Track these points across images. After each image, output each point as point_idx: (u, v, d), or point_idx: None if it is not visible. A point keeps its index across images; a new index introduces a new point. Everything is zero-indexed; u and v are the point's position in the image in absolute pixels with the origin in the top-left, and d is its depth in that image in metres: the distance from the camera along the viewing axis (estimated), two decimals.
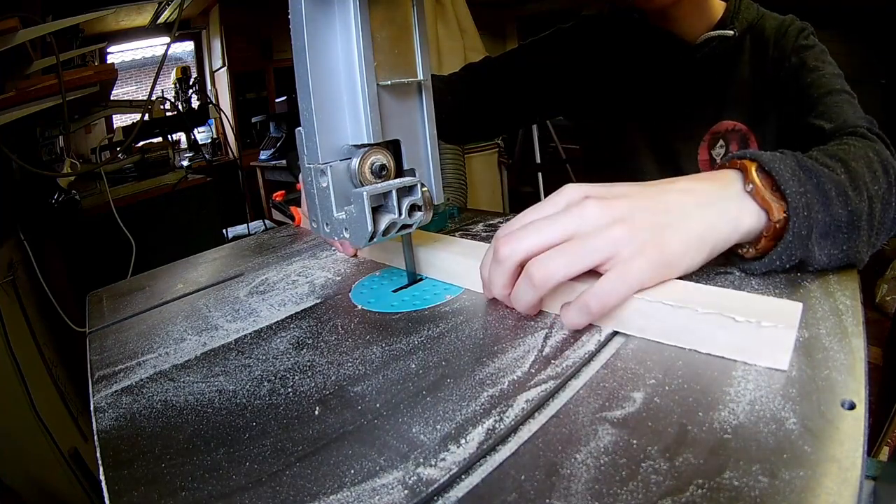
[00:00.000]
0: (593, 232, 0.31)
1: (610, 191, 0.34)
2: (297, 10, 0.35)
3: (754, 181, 0.35)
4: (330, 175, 0.38)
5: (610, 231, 0.31)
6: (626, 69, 0.71)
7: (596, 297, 0.31)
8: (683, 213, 0.33)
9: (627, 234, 0.31)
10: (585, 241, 0.31)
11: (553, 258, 0.32)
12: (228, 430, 0.29)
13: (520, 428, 0.26)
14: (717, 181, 0.36)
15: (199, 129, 2.67)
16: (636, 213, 0.32)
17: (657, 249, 0.32)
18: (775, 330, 0.27)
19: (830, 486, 0.20)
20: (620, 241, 0.31)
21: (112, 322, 0.48)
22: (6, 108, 0.96)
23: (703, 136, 0.68)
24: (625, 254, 0.31)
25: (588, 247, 0.31)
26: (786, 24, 0.64)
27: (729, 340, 0.29)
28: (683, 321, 0.30)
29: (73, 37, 1.74)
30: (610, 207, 0.32)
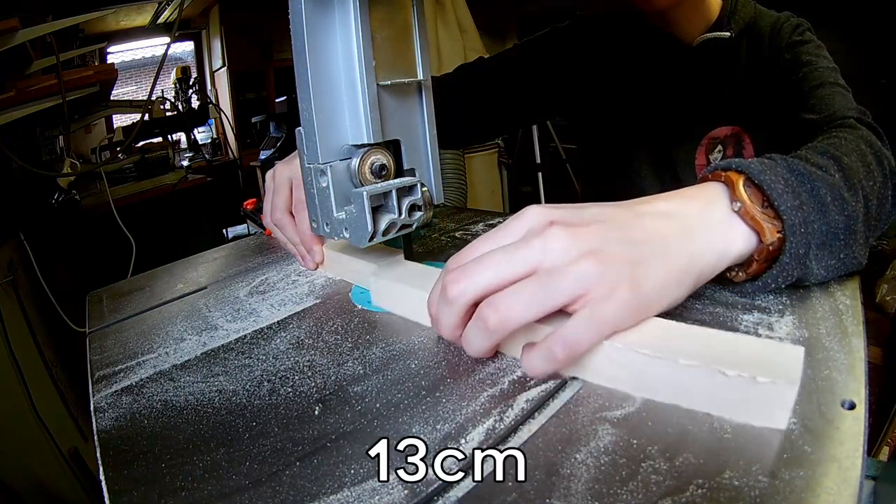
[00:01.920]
0: (559, 267, 0.27)
1: (578, 214, 0.29)
2: (297, 11, 0.35)
3: (742, 199, 0.31)
4: (330, 175, 0.38)
5: (578, 266, 0.27)
6: (623, 70, 0.71)
7: (563, 342, 0.26)
8: (663, 245, 0.29)
9: (598, 270, 0.26)
10: (549, 278, 0.27)
11: (510, 299, 0.27)
12: (228, 430, 0.29)
13: (520, 428, 0.26)
14: (700, 200, 0.32)
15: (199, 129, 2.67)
16: (609, 244, 0.28)
17: (632, 288, 0.27)
18: (773, 386, 0.23)
19: (830, 486, 0.20)
20: (590, 279, 0.26)
21: (112, 322, 0.48)
22: (6, 108, 0.96)
23: (700, 141, 0.67)
24: (595, 294, 0.26)
25: (552, 285, 0.27)
26: (780, 22, 0.63)
27: (717, 396, 0.24)
28: (663, 373, 0.25)
29: (73, 37, 1.74)
30: (578, 237, 0.28)
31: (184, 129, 2.48)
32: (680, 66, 0.66)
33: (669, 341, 0.26)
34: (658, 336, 0.27)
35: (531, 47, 0.77)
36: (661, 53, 0.66)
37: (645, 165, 0.71)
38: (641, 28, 0.67)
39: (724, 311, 0.35)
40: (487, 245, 0.30)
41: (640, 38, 0.68)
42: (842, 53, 0.61)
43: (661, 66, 0.67)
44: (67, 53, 1.35)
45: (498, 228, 0.30)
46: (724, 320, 0.34)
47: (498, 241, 0.30)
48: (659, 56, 0.67)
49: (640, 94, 0.70)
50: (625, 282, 0.27)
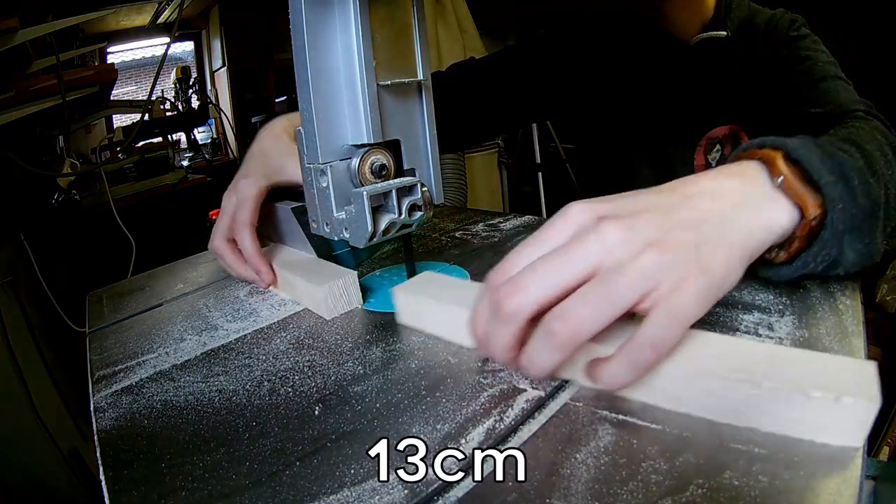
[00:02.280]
0: (622, 263, 0.24)
1: (626, 205, 0.27)
2: (297, 10, 0.35)
3: (784, 173, 0.30)
4: (330, 175, 0.38)
5: (642, 260, 0.24)
6: (620, 71, 0.70)
7: (650, 346, 0.24)
8: (720, 223, 0.27)
9: (664, 259, 0.24)
10: (615, 277, 0.24)
11: (579, 307, 0.24)
12: (228, 430, 0.29)
13: (520, 428, 0.26)
14: (740, 176, 0.31)
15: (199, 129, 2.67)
16: (668, 231, 0.26)
17: (702, 274, 0.25)
18: (857, 405, 0.21)
19: (830, 486, 0.20)
20: (657, 271, 0.24)
21: (112, 322, 0.48)
22: (6, 108, 0.96)
23: (699, 142, 0.67)
24: (665, 286, 0.24)
25: (620, 284, 0.24)
26: (775, 19, 0.63)
27: (797, 418, 0.22)
28: (738, 396, 0.23)
29: (73, 37, 1.74)
30: (634, 228, 0.25)
31: (184, 129, 2.48)
32: (677, 66, 0.66)
33: (742, 361, 0.24)
34: (720, 353, 0.25)
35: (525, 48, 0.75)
36: (658, 53, 0.66)
37: (643, 166, 0.71)
38: (638, 28, 0.67)
39: (724, 310, 0.35)
40: (533, 250, 0.27)
41: (637, 38, 0.68)
42: (841, 53, 0.61)
43: (658, 66, 0.67)
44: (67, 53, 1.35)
45: (539, 232, 0.28)
46: (724, 320, 0.34)
47: (543, 244, 0.27)
48: (656, 56, 0.67)
49: (637, 94, 0.69)
50: (693, 268, 0.25)
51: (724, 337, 0.27)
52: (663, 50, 0.66)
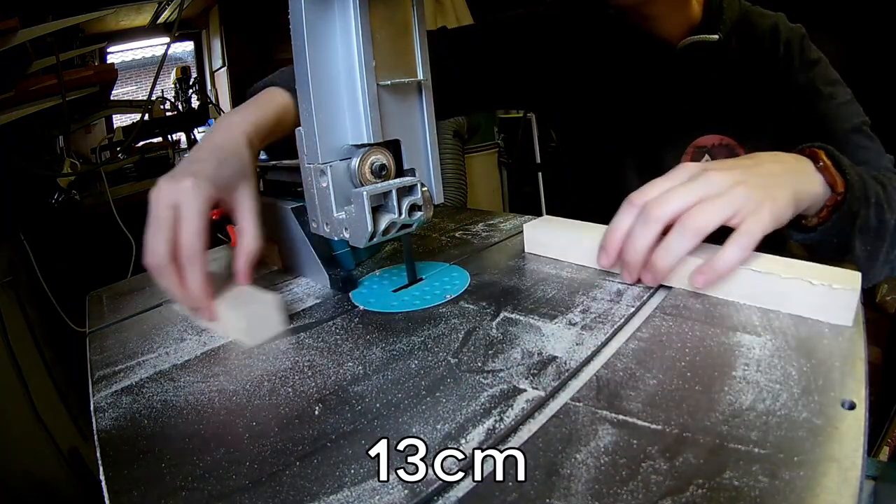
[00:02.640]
0: (723, 192, 0.36)
1: (722, 164, 0.40)
2: (297, 10, 0.35)
3: (825, 160, 0.43)
4: (330, 175, 0.38)
5: (735, 190, 0.36)
6: (601, 71, 0.67)
7: (749, 234, 0.35)
8: (780, 176, 0.40)
9: (748, 191, 0.36)
10: (719, 198, 0.36)
11: (701, 213, 0.36)
12: (228, 430, 0.29)
13: (520, 428, 0.26)
14: (795, 159, 0.43)
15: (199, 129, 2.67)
16: (749, 177, 0.38)
17: (771, 203, 0.37)
18: (844, 292, 0.32)
19: (830, 486, 0.20)
20: (744, 197, 0.36)
21: (112, 322, 0.48)
22: (6, 108, 0.96)
23: (685, 149, 0.65)
24: (748, 208, 0.36)
25: (723, 202, 0.36)
26: (782, 33, 0.60)
27: (807, 301, 0.33)
28: (767, 285, 0.35)
29: (73, 37, 1.74)
30: (730, 174, 0.38)
31: (184, 129, 2.48)
32: (663, 68, 0.63)
33: (768, 264, 0.36)
34: (760, 261, 0.37)
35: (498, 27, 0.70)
36: (643, 54, 0.63)
37: (631, 171, 0.69)
38: (621, 26, 0.63)
39: (725, 309, 0.35)
40: (664, 184, 0.39)
41: (621, 37, 0.64)
42: (842, 53, 0.61)
43: (644, 67, 0.64)
44: (67, 53, 1.35)
45: (665, 176, 0.40)
46: (722, 318, 0.34)
47: (669, 182, 0.39)
48: (640, 56, 0.64)
49: (622, 95, 0.66)
50: (766, 199, 0.37)
51: (758, 253, 0.37)
52: (647, 51, 0.63)
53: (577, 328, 0.35)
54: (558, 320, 0.37)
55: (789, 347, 0.30)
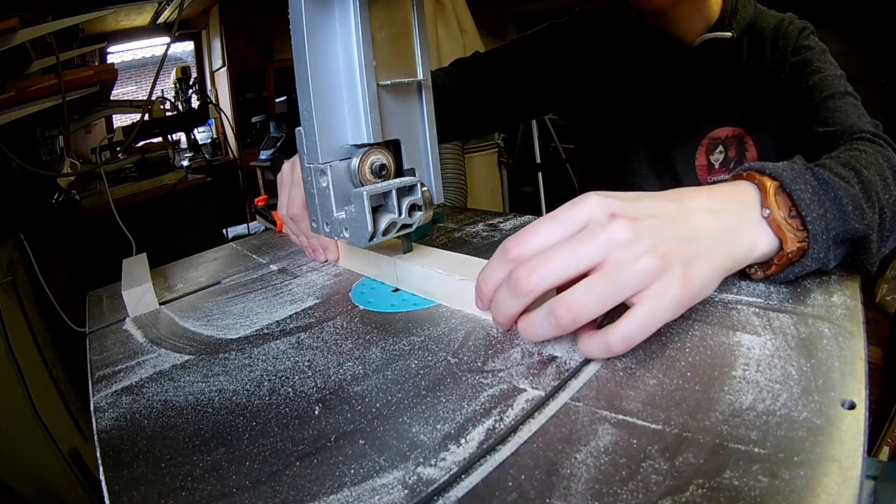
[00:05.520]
0: (624, 262, 0.28)
1: (635, 208, 0.31)
2: (297, 10, 0.35)
3: (771, 207, 0.34)
4: (330, 175, 0.38)
5: (641, 263, 0.28)
6: (622, 70, 0.70)
7: (622, 339, 0.29)
8: (710, 244, 0.32)
9: (658, 266, 0.29)
10: (617, 274, 0.28)
11: (583, 297, 0.28)
12: (228, 430, 0.29)
13: (520, 428, 0.26)
14: (737, 199, 0.35)
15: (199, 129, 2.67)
16: (666, 239, 0.30)
17: (684, 286, 0.29)
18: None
19: (830, 486, 0.20)
20: (651, 276, 0.28)
21: (112, 322, 0.48)
22: (6, 108, 0.96)
23: (701, 142, 0.67)
24: (652, 289, 0.29)
25: (619, 282, 0.28)
26: (784, 24, 0.63)
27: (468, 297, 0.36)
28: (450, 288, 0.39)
29: (73, 37, 1.74)
30: (639, 231, 0.29)
31: (184, 129, 2.48)
32: (680, 66, 0.65)
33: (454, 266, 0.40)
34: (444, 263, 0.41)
35: (529, 42, 0.75)
36: (662, 53, 0.66)
37: (644, 165, 0.71)
38: (641, 28, 0.66)
39: (725, 309, 0.35)
40: (549, 232, 0.31)
41: (640, 38, 0.67)
42: (842, 54, 0.61)
43: (662, 66, 0.67)
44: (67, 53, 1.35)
45: (556, 214, 0.31)
46: (722, 318, 0.34)
47: (559, 228, 0.31)
48: (659, 56, 0.66)
49: (639, 93, 0.69)
50: (678, 280, 0.29)
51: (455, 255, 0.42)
52: (666, 51, 0.65)
53: None
54: None
55: (789, 347, 0.30)
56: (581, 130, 0.81)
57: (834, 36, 0.68)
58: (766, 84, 0.63)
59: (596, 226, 0.30)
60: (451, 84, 0.72)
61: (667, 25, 0.64)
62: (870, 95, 0.57)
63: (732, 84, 0.64)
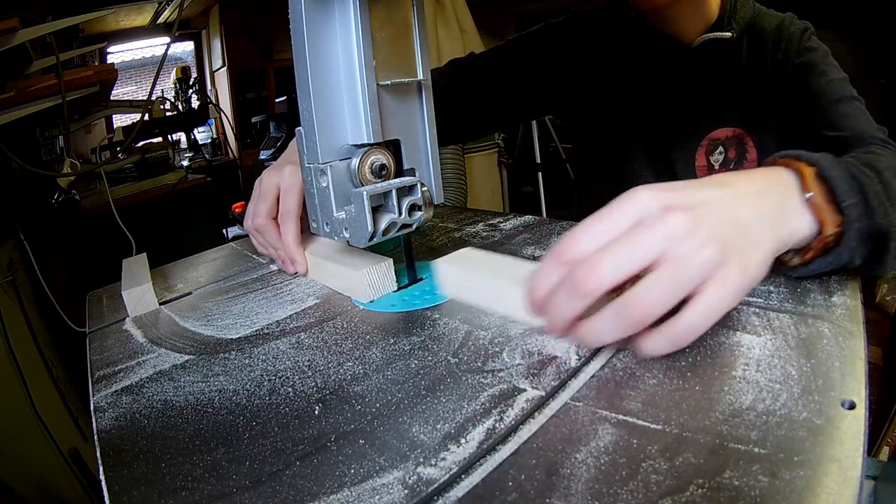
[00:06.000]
0: (686, 255, 0.27)
1: (686, 197, 0.30)
2: (297, 10, 0.35)
3: (813, 190, 0.33)
4: (330, 175, 0.38)
5: (703, 254, 0.27)
6: (621, 70, 0.70)
7: (687, 331, 0.28)
8: (760, 226, 0.31)
9: (720, 257, 0.28)
10: (679, 268, 0.27)
11: (653, 293, 0.27)
12: (228, 430, 0.29)
13: (520, 428, 0.26)
14: (780, 185, 0.34)
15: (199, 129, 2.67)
16: (724, 229, 0.29)
17: (743, 273, 0.29)
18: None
19: (830, 486, 0.20)
20: (713, 264, 0.27)
21: (112, 322, 0.48)
22: (6, 108, 0.96)
23: (700, 142, 0.67)
24: (715, 279, 0.28)
25: (684, 277, 0.27)
26: (786, 24, 0.62)
27: None
28: None
29: (73, 37, 1.74)
30: (696, 222, 0.28)
31: (184, 129, 2.48)
32: (679, 66, 0.65)
33: None
34: None
35: (525, 42, 0.74)
36: (661, 53, 0.66)
37: (644, 166, 0.71)
38: (640, 28, 0.66)
39: None
40: (602, 230, 0.29)
41: (639, 38, 0.67)
42: (842, 54, 0.61)
43: (661, 66, 0.67)
44: (67, 53, 1.35)
45: (607, 212, 0.30)
46: (722, 318, 0.34)
47: (612, 226, 0.29)
48: (658, 56, 0.66)
49: (638, 93, 0.69)
50: (737, 267, 0.28)
51: None
52: (665, 50, 0.65)
53: None
54: None
55: (789, 347, 0.30)
56: (579, 131, 0.80)
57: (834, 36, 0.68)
58: (766, 84, 0.62)
59: (652, 220, 0.28)
60: (447, 84, 0.71)
61: (666, 25, 0.64)
62: (870, 95, 0.57)
63: (732, 84, 0.64)
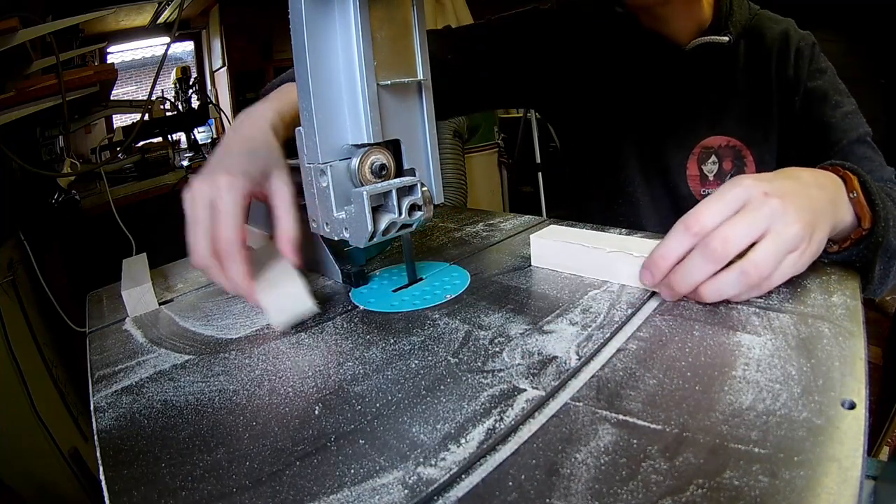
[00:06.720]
0: (784, 229, 0.35)
1: (777, 187, 0.37)
2: (297, 10, 0.35)
3: (857, 190, 0.41)
4: (330, 175, 0.38)
5: (794, 229, 0.35)
6: (610, 67, 0.67)
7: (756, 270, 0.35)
8: (823, 212, 0.39)
9: (804, 232, 0.36)
10: (781, 239, 0.35)
11: (765, 257, 0.35)
12: (228, 430, 0.29)
13: (520, 428, 0.26)
14: (833, 183, 0.42)
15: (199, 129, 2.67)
16: (804, 212, 0.36)
17: (812, 247, 0.37)
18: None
19: (831, 486, 0.20)
20: (801, 238, 0.36)
21: (112, 322, 0.48)
22: (6, 108, 0.96)
23: (692, 150, 0.65)
24: (799, 250, 0.36)
25: (785, 245, 0.35)
26: (792, 36, 0.61)
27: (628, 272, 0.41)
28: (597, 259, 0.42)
29: (73, 37, 1.74)
30: (788, 205, 0.36)
31: (184, 129, 2.48)
32: (672, 68, 0.63)
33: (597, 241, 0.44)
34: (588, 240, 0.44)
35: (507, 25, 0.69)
36: (652, 54, 0.64)
37: (635, 172, 0.68)
38: (631, 26, 0.64)
39: (726, 309, 0.35)
40: (720, 209, 0.36)
41: (630, 37, 0.65)
42: (842, 54, 0.61)
43: (652, 67, 0.64)
44: (67, 53, 1.35)
45: (721, 195, 0.37)
46: (722, 318, 0.34)
47: (727, 206, 0.36)
48: (649, 57, 0.64)
49: (628, 94, 0.67)
50: (808, 241, 0.36)
51: None
52: (657, 51, 0.63)
53: (578, 327, 0.35)
54: (559, 320, 0.37)
55: (789, 347, 0.30)
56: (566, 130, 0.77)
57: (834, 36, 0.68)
58: (768, 95, 0.61)
59: (758, 202, 0.36)
60: None
61: (656, 24, 0.62)
62: (870, 95, 0.57)
63: (727, 91, 0.62)
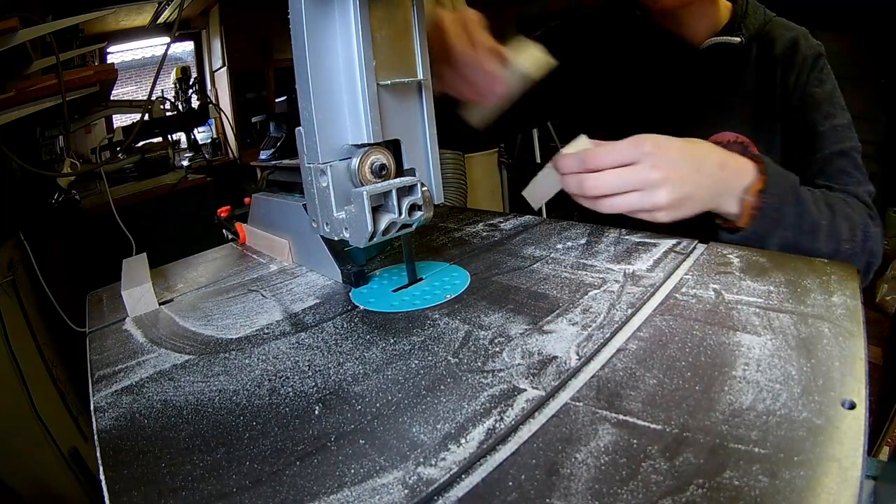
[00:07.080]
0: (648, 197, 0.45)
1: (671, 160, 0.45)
2: (297, 10, 0.35)
3: (752, 197, 0.46)
4: (330, 175, 0.38)
5: (656, 197, 0.44)
6: (621, 68, 0.69)
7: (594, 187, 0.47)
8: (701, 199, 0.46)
9: (666, 203, 0.44)
10: (642, 199, 0.45)
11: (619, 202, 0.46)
12: (228, 430, 0.29)
13: (520, 428, 0.26)
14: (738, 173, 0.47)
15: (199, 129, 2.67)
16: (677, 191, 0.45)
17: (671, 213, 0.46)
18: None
19: (831, 486, 0.20)
20: (657, 208, 0.45)
21: (112, 322, 0.48)
22: (6, 108, 0.96)
23: None
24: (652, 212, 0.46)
25: (641, 203, 0.45)
26: (801, 42, 0.62)
27: None
28: None
29: (73, 37, 1.74)
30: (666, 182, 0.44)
31: (184, 129, 2.48)
32: (684, 67, 0.65)
33: None
34: None
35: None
36: (666, 53, 0.66)
37: None
38: (645, 27, 0.66)
39: (726, 309, 0.35)
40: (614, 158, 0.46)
41: (643, 37, 0.67)
42: (842, 54, 0.61)
43: (665, 65, 0.66)
44: (67, 53, 1.35)
45: (622, 147, 0.47)
46: (722, 318, 0.34)
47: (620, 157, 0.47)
48: (663, 56, 0.66)
49: (640, 92, 0.69)
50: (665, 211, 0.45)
51: None
52: (670, 51, 0.65)
53: (578, 328, 0.35)
54: (559, 320, 0.37)
55: (789, 347, 0.30)
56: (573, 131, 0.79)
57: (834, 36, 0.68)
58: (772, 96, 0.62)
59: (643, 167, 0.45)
60: None
61: (673, 27, 0.64)
62: (870, 95, 0.57)
63: (737, 89, 0.64)
